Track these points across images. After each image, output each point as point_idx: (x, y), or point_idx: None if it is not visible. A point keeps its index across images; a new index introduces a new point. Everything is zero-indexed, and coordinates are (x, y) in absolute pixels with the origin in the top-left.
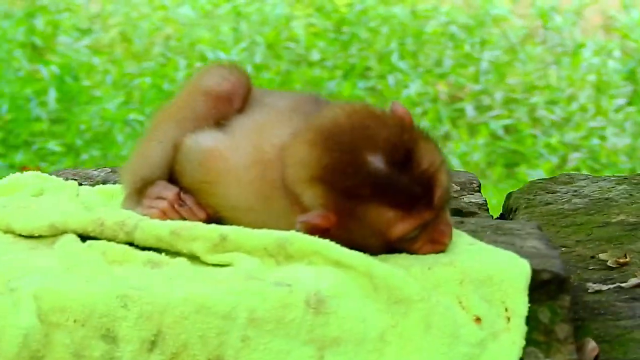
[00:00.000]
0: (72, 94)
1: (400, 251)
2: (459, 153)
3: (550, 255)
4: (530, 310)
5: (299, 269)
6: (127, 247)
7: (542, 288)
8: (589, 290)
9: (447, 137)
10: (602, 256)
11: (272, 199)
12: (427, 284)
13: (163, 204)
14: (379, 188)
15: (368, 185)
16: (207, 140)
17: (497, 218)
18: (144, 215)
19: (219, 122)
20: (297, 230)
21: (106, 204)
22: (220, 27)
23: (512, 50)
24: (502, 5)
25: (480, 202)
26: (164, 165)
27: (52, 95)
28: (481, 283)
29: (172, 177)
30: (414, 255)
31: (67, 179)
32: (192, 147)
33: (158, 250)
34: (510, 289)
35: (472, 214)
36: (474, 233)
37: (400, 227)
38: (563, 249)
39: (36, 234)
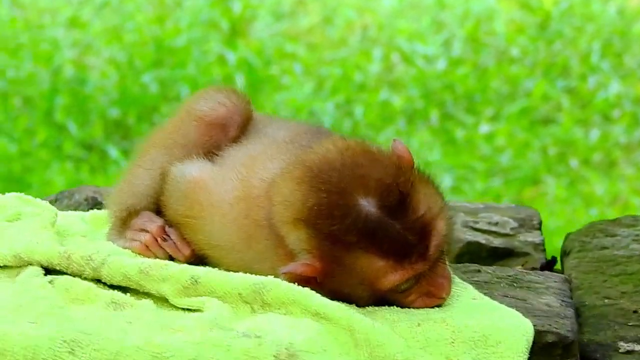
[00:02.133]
0: (260, 80)
1: (391, 303)
2: None
3: (563, 314)
4: None
5: (273, 319)
6: (91, 284)
7: (546, 351)
8: (620, 350)
9: None
10: None
11: (256, 239)
12: (414, 343)
13: (146, 237)
14: (368, 234)
15: (357, 230)
16: (193, 170)
17: (548, 261)
18: (126, 248)
19: (212, 151)
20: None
21: (89, 233)
22: (421, 18)
23: None
24: None
25: (537, 242)
26: (151, 194)
27: (239, 81)
28: (475, 344)
29: (159, 209)
30: (404, 310)
31: (86, 199)
32: (177, 177)
33: (126, 289)
34: (508, 352)
35: (524, 255)
36: (486, 285)
37: (391, 278)
38: (606, 300)
39: (0, 264)
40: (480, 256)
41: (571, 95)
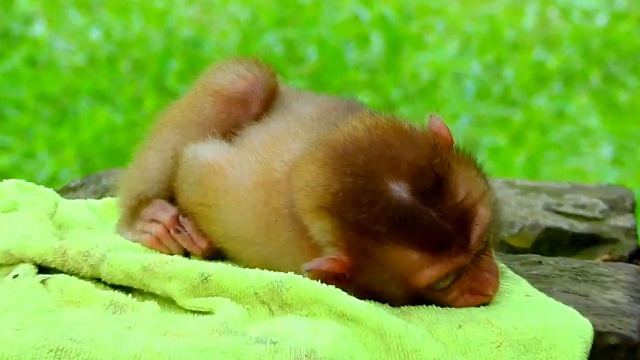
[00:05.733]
0: (399, 40)
1: (430, 303)
2: None
3: (630, 312)
4: None
5: (293, 321)
6: (89, 284)
7: (607, 355)
8: None
9: None
10: None
11: (276, 230)
12: (455, 347)
13: (158, 229)
14: (400, 224)
15: (387, 220)
16: (208, 152)
17: (638, 249)
18: (135, 241)
19: (231, 130)
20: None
21: (97, 224)
22: None
23: None
24: None
25: (628, 227)
26: (163, 180)
27: (376, 41)
28: (526, 348)
29: (174, 196)
30: (445, 310)
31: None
32: (190, 161)
33: (130, 289)
34: (563, 356)
35: (612, 242)
36: (546, 279)
37: (428, 273)
38: None
39: None
40: (562, 244)
41: None
